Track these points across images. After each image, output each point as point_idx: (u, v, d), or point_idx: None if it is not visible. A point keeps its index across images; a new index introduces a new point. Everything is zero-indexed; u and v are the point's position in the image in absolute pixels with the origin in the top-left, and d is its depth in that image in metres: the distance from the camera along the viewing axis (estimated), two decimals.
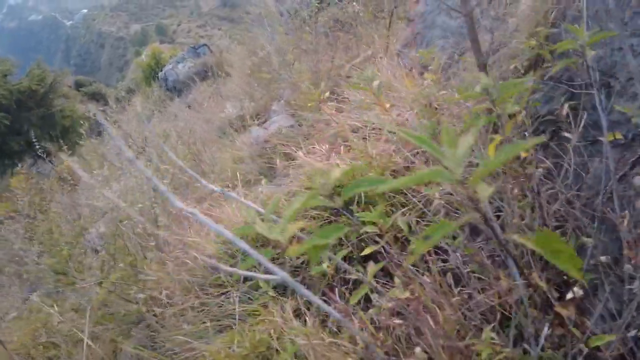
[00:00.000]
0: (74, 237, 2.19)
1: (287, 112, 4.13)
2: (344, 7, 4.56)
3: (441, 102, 1.70)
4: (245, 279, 1.75)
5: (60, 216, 2.87)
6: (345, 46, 3.79)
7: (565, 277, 1.08)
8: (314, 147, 2.28)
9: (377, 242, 1.51)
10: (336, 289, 1.36)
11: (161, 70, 11.37)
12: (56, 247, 2.09)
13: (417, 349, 1.04)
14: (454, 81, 2.29)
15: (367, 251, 1.17)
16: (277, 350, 1.36)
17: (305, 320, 1.38)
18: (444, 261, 1.47)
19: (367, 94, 2.65)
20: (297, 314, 1.49)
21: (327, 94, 2.63)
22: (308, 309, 1.51)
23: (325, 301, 1.43)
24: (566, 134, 1.18)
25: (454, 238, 1.35)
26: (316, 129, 2.85)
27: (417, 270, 1.46)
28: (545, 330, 0.83)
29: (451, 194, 1.36)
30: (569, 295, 0.83)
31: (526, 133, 1.28)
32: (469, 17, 1.04)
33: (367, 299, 1.47)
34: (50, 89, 14.54)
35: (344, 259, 1.60)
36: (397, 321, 1.17)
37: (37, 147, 12.65)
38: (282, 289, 1.51)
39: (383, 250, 1.45)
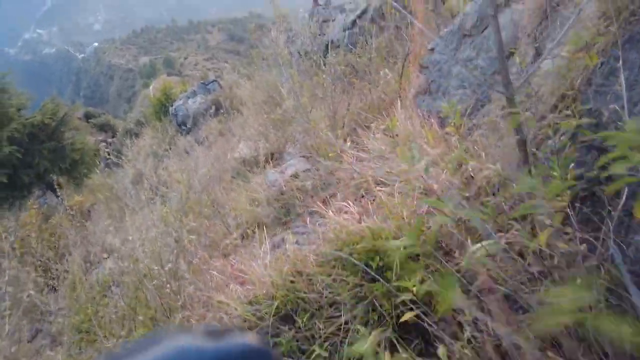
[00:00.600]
0: (98, 293, 2.17)
1: (301, 154, 4.18)
2: (357, 52, 4.69)
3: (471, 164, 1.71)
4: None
5: (79, 267, 2.85)
6: (360, 91, 3.87)
7: None
8: (336, 200, 2.29)
9: (412, 309, 1.49)
10: None
11: (171, 105, 11.62)
12: (79, 303, 2.08)
13: None
14: (477, 133, 2.32)
15: (405, 317, 1.15)
16: None
17: None
18: (480, 331, 1.44)
19: (386, 143, 2.68)
20: None
21: (348, 144, 2.66)
22: None
23: None
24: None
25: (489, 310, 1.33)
26: (336, 177, 2.87)
27: (456, 339, 1.44)
28: None
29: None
30: None
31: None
32: (511, 99, 1.07)
33: None
34: (62, 122, 14.83)
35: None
36: None
37: (48, 179, 12.79)
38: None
39: (420, 318, 1.43)
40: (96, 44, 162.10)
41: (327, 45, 6.95)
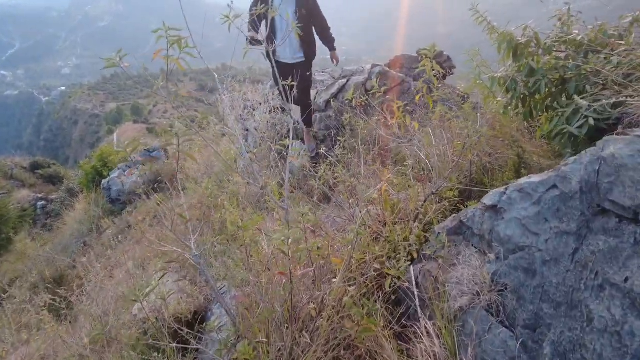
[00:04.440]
0: None
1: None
2: (339, 152, 3.12)
3: None
4: None
5: None
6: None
7: None
8: None
9: None
10: None
11: (108, 175, 9.67)
12: None
13: None
14: None
15: None
16: None
17: None
18: None
19: None
20: None
21: None
22: None
23: None
24: None
25: None
26: None
27: None
28: None
29: None
30: None
31: None
32: None
33: None
34: None
35: None
36: None
37: None
38: None
39: None
40: (63, 87, 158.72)
41: (289, 131, 5.38)
